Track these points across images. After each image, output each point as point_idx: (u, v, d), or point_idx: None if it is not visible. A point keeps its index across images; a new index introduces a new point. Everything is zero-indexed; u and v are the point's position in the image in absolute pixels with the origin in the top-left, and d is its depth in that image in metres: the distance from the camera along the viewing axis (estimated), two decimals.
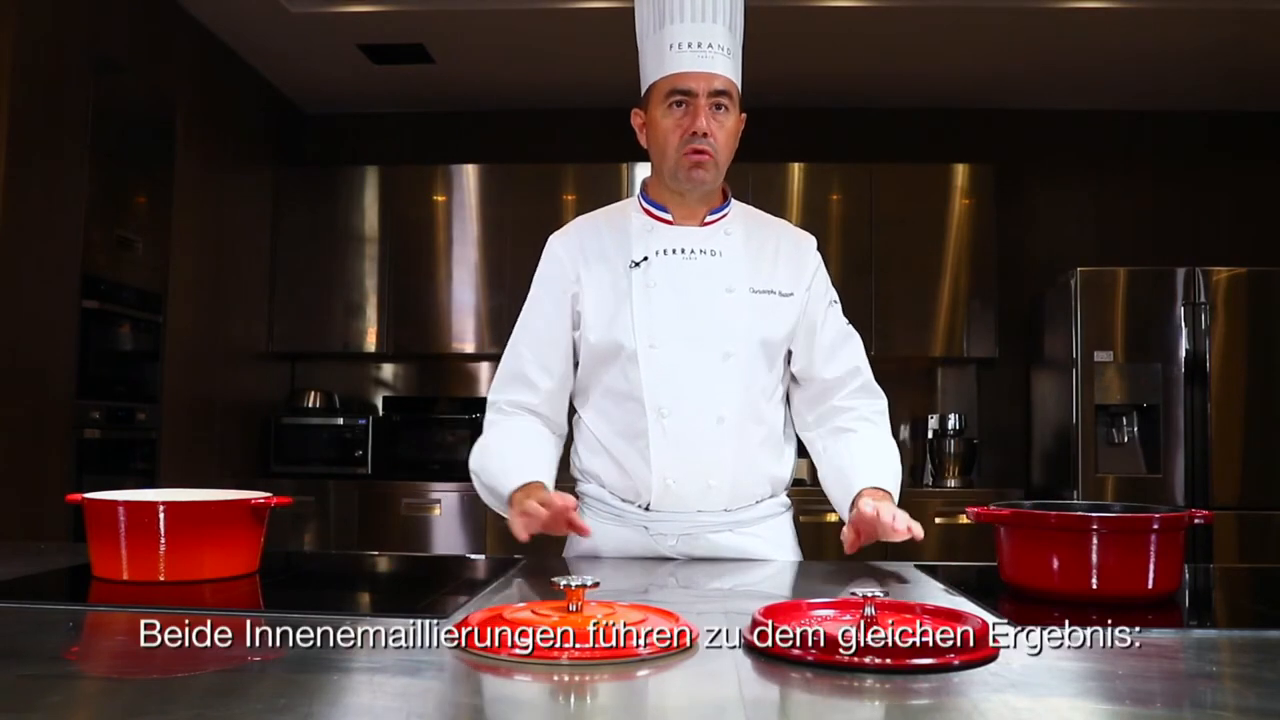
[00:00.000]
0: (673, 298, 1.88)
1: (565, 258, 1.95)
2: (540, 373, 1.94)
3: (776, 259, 1.94)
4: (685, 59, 1.83)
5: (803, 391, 1.98)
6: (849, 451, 1.91)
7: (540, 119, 5.57)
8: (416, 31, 4.61)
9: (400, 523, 4.90)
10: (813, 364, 1.95)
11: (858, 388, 1.97)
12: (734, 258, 1.91)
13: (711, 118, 1.83)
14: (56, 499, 2.09)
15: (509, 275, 5.13)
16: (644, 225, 1.93)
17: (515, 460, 1.85)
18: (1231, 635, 1.34)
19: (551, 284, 1.95)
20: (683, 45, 1.83)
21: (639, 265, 1.90)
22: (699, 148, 1.83)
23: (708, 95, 1.82)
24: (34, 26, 3.34)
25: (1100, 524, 1.44)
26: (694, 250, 1.90)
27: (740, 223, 1.95)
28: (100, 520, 1.57)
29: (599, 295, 1.91)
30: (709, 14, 1.84)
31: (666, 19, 1.85)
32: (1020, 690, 1.02)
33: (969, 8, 4.30)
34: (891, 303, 5.09)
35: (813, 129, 5.46)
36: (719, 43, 1.84)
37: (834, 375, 1.95)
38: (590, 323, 1.91)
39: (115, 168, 3.77)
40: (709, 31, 1.83)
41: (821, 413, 1.97)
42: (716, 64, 1.83)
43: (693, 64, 1.83)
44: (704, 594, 1.60)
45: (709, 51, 1.83)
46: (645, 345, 1.86)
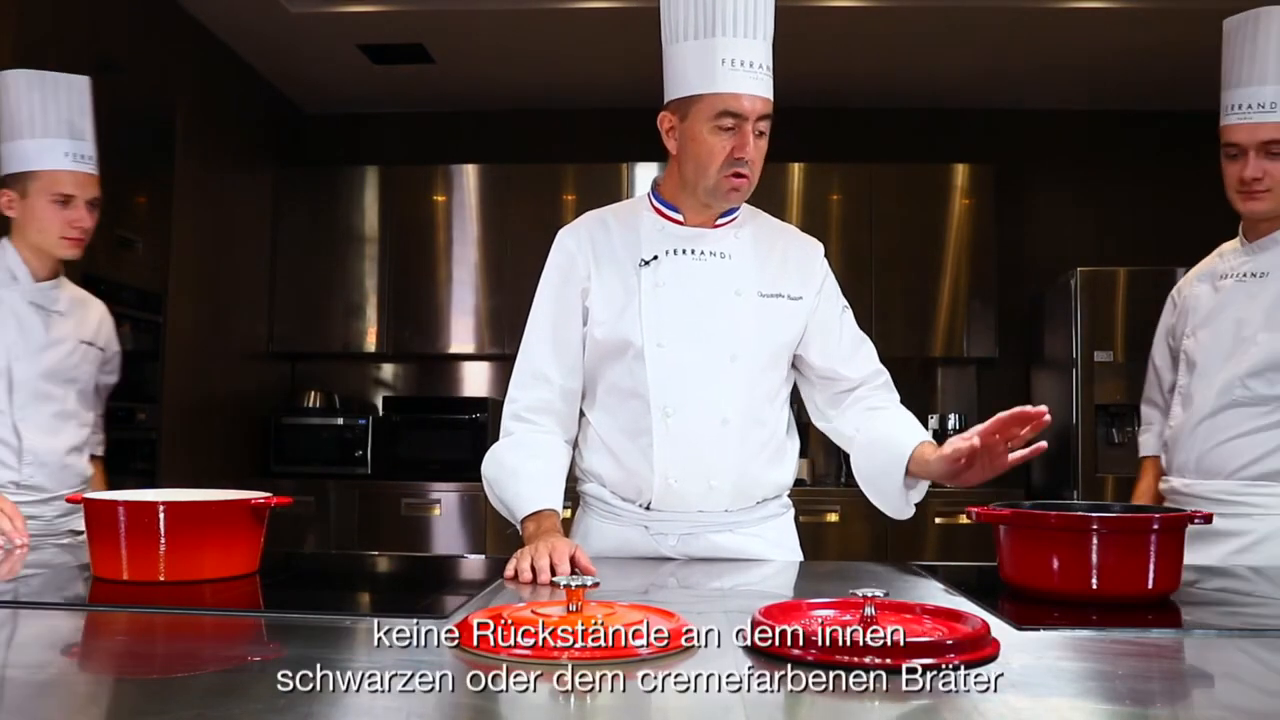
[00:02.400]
0: (681, 298, 1.88)
1: (576, 252, 1.93)
2: (557, 369, 1.93)
3: (785, 263, 1.94)
4: (741, 80, 1.78)
5: (825, 390, 1.97)
6: (891, 419, 1.91)
7: (540, 119, 5.57)
8: (416, 31, 4.61)
9: (400, 523, 4.90)
10: (835, 364, 1.95)
11: (881, 384, 1.97)
12: (743, 261, 1.91)
13: (754, 141, 1.81)
14: None
15: (509, 275, 5.13)
16: (655, 224, 1.92)
17: (529, 482, 1.86)
18: (1231, 635, 1.34)
19: (563, 279, 1.94)
20: (737, 63, 1.78)
21: (648, 264, 1.89)
22: (741, 172, 1.82)
23: (757, 119, 1.80)
24: (34, 26, 3.34)
25: (1100, 524, 1.44)
26: (704, 252, 1.90)
27: (749, 226, 1.95)
28: (100, 520, 1.57)
29: (608, 292, 1.90)
30: (759, 30, 1.81)
31: (717, 28, 1.79)
32: (1020, 690, 1.02)
33: (969, 8, 4.30)
34: (891, 303, 5.09)
35: (813, 129, 5.46)
36: (768, 63, 1.81)
37: (859, 374, 1.95)
38: (598, 319, 1.90)
39: (115, 168, 3.77)
40: (759, 51, 1.80)
41: (846, 405, 1.96)
42: (767, 86, 1.81)
43: (749, 86, 1.79)
44: (704, 594, 1.60)
45: (760, 73, 1.80)
46: (653, 343, 1.86)
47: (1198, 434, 2.13)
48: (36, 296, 2.29)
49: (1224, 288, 2.16)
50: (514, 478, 1.87)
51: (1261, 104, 2.02)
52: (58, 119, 2.26)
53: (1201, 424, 2.12)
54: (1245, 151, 2.04)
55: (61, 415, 2.31)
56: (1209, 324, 2.16)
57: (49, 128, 2.25)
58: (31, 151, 2.24)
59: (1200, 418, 2.12)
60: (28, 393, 2.25)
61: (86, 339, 2.38)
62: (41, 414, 2.27)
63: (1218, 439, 2.10)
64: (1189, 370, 2.19)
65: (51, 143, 2.24)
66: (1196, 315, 2.19)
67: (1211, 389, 2.11)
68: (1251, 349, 2.07)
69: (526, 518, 1.81)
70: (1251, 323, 2.09)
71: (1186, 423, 2.16)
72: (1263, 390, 2.07)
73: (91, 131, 2.32)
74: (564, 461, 1.94)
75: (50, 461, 2.27)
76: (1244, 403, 2.08)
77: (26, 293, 2.28)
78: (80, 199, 2.27)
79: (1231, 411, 2.08)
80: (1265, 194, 2.05)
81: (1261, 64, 2.03)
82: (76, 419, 2.34)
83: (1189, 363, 2.19)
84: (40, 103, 2.25)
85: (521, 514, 1.82)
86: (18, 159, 2.26)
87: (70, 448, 2.32)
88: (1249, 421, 2.08)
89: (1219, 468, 2.10)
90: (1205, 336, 2.16)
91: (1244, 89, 2.05)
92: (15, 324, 2.25)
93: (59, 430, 2.29)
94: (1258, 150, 2.03)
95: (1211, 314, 2.17)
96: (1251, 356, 2.07)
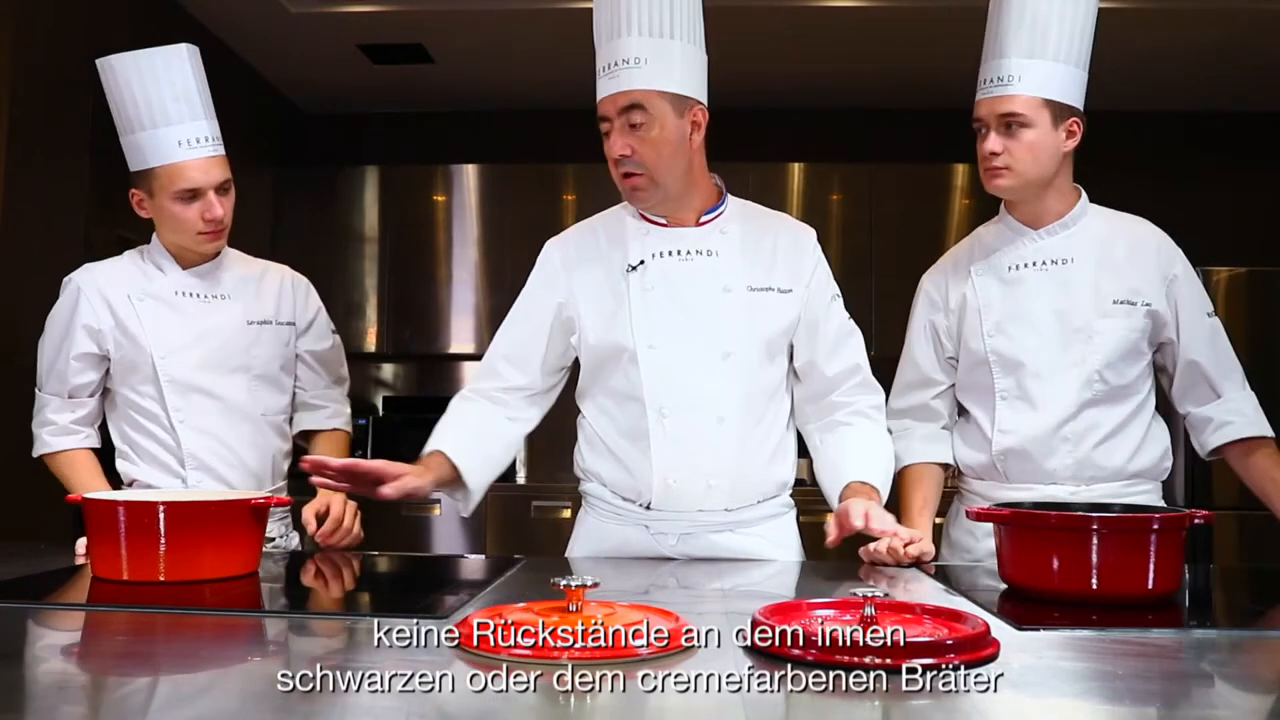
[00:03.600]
0: (670, 300, 1.88)
1: (559, 265, 1.97)
2: (508, 368, 1.99)
3: (775, 255, 1.94)
4: (601, 84, 1.84)
5: (804, 387, 1.98)
6: (842, 446, 1.92)
7: (540, 119, 5.56)
8: (416, 31, 4.61)
9: (400, 523, 4.90)
10: (815, 360, 1.95)
11: (857, 383, 1.96)
12: (730, 257, 1.91)
13: (629, 135, 1.80)
14: (56, 499, 2.08)
15: (509, 275, 5.12)
16: (639, 229, 1.93)
17: (438, 434, 1.92)
18: (1231, 635, 1.34)
19: (539, 291, 1.99)
20: (602, 69, 1.83)
21: (635, 269, 1.90)
22: (626, 171, 1.83)
23: (619, 114, 1.80)
24: (34, 26, 3.34)
25: (1100, 524, 1.44)
26: (689, 251, 1.90)
27: (737, 221, 1.95)
28: (100, 520, 1.57)
29: (596, 300, 1.92)
30: (623, 28, 1.81)
31: (596, 42, 1.86)
32: (1020, 690, 1.02)
33: (969, 8, 4.27)
34: (891, 303, 5.06)
35: (813, 129, 5.46)
36: (633, 55, 1.80)
37: (835, 371, 1.95)
38: (588, 326, 1.92)
39: (115, 168, 3.77)
40: (623, 47, 1.80)
41: (820, 407, 1.97)
42: (622, 81, 1.80)
43: (604, 87, 1.83)
44: (704, 594, 1.60)
45: (617, 70, 1.81)
46: (645, 346, 1.87)
47: (1063, 437, 1.95)
48: (186, 285, 2.12)
49: (1022, 279, 2.00)
50: (436, 432, 1.93)
51: (1001, 78, 1.95)
52: (161, 104, 2.04)
53: (1064, 426, 1.95)
54: (987, 126, 1.96)
55: (230, 409, 2.11)
56: (1018, 319, 1.98)
57: (155, 116, 2.04)
58: (146, 146, 2.05)
59: (1060, 420, 1.95)
60: (182, 390, 2.08)
61: (260, 318, 2.16)
62: (203, 411, 2.09)
63: (1091, 440, 1.95)
64: (1007, 371, 1.99)
65: (162, 133, 2.04)
66: (993, 311, 2.01)
67: (1064, 387, 1.95)
68: (1096, 339, 1.94)
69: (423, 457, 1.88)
70: (1077, 313, 1.96)
71: (1041, 427, 1.95)
72: (1115, 381, 1.96)
73: (206, 105, 2.10)
74: (494, 427, 1.97)
75: (216, 463, 2.10)
76: (1101, 398, 1.95)
77: (175, 282, 2.11)
78: (206, 187, 2.06)
79: (1093, 410, 1.95)
80: (1005, 171, 1.96)
81: (1003, 38, 1.97)
82: (253, 410, 2.14)
83: (1006, 363, 1.99)
84: (140, 88, 2.05)
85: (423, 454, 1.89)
86: (135, 155, 2.08)
87: (245, 443, 2.13)
88: (1110, 418, 1.96)
89: (1100, 471, 1.96)
90: (1021, 333, 1.98)
91: (988, 63, 1.99)
92: (162, 318, 2.09)
93: (226, 428, 2.11)
94: (997, 125, 1.94)
95: (1018, 308, 1.99)
96: (1100, 348, 1.94)
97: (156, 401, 2.09)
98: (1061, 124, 1.94)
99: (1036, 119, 1.92)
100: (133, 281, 2.12)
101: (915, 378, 2.13)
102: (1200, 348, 2.02)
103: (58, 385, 2.13)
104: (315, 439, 2.28)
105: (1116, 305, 1.97)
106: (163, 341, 2.08)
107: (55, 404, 2.13)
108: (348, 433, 2.30)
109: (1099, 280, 1.98)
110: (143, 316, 2.08)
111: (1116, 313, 1.97)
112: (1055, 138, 1.94)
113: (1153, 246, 2.04)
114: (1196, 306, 2.03)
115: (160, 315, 2.09)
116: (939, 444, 2.10)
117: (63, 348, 2.11)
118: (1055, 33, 1.93)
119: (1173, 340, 2.02)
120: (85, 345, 2.09)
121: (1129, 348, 1.97)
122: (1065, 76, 1.94)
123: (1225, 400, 2.04)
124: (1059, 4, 1.94)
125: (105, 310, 2.09)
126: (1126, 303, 1.97)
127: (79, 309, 2.10)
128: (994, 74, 1.96)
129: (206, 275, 2.16)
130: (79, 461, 2.14)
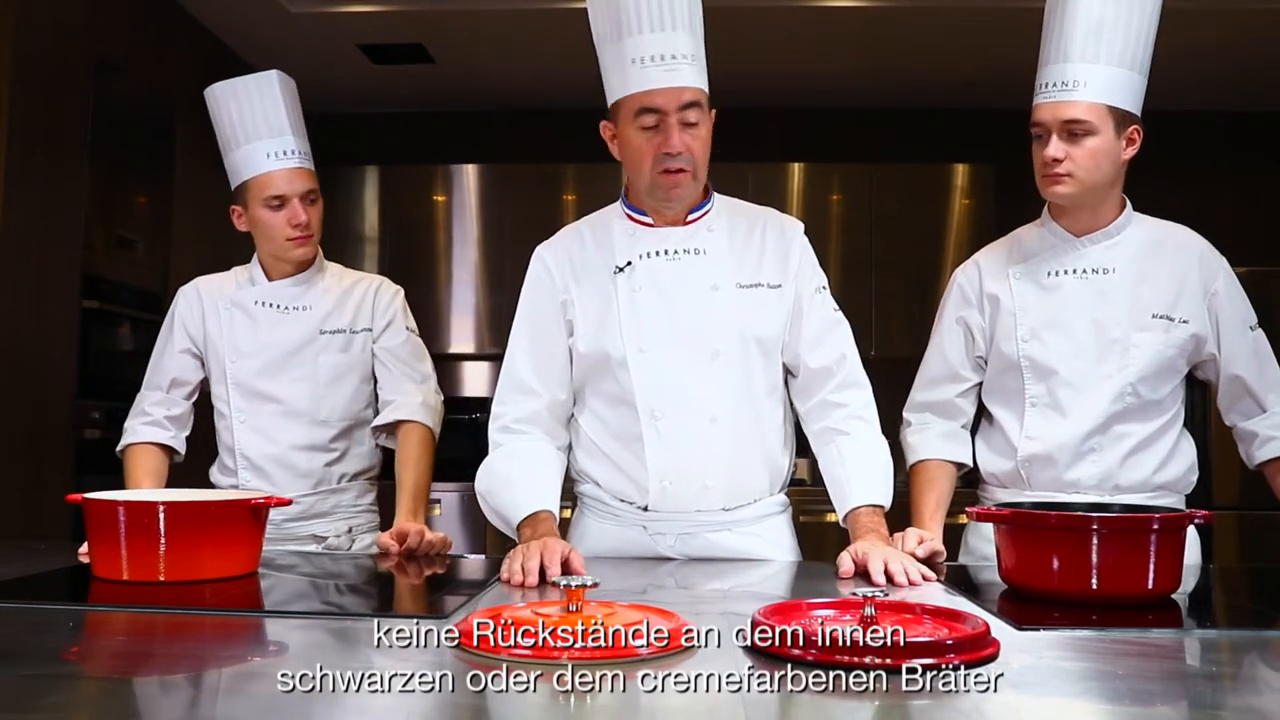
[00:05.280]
0: (658, 300, 1.88)
1: (554, 268, 1.95)
2: (540, 381, 1.94)
3: (763, 251, 1.93)
4: (652, 75, 1.79)
5: (793, 382, 1.97)
6: (843, 460, 1.90)
7: (540, 119, 5.56)
8: (416, 31, 4.61)
9: None
10: (799, 352, 1.93)
11: (845, 379, 1.94)
12: (718, 254, 1.90)
13: (684, 132, 1.80)
14: (56, 499, 2.08)
15: (509, 275, 5.12)
16: (626, 230, 1.92)
17: (522, 489, 1.86)
18: (1231, 635, 1.34)
19: (542, 294, 1.95)
20: (647, 60, 1.79)
21: (623, 270, 1.90)
22: (672, 167, 1.81)
23: (678, 110, 1.79)
24: (34, 26, 3.34)
25: (1100, 524, 1.44)
26: (677, 251, 1.90)
27: (723, 218, 1.94)
28: (100, 520, 1.57)
29: (587, 304, 1.91)
30: (668, 22, 1.79)
31: (625, 30, 1.80)
32: (1020, 690, 1.02)
33: (969, 8, 4.29)
34: (891, 303, 5.09)
35: (813, 129, 5.46)
36: (683, 52, 1.79)
37: (820, 364, 1.93)
38: (580, 331, 1.91)
39: (115, 168, 3.77)
40: (671, 42, 1.79)
41: (812, 407, 1.95)
42: (683, 76, 1.79)
43: (660, 80, 1.79)
44: (703, 594, 1.60)
45: (674, 64, 1.79)
46: (634, 350, 1.86)
47: (1090, 448, 1.94)
48: (270, 295, 2.26)
49: (1061, 285, 1.98)
50: (507, 485, 1.87)
51: (1065, 83, 1.89)
52: (253, 121, 2.23)
53: (1092, 437, 1.94)
54: (1049, 132, 1.91)
55: (287, 414, 2.23)
56: (1056, 326, 1.97)
57: (248, 133, 2.23)
58: (240, 161, 2.24)
59: (1088, 430, 1.93)
60: (244, 393, 2.23)
61: (335, 327, 2.26)
62: (260, 414, 2.22)
63: (1118, 453, 1.94)
64: (1040, 378, 1.98)
65: (253, 147, 2.22)
66: (1030, 315, 1.99)
67: (1096, 398, 1.94)
68: (1132, 351, 1.93)
69: (522, 523, 1.81)
70: (1116, 324, 1.94)
71: (1069, 436, 1.94)
72: (1147, 395, 1.94)
73: (295, 124, 2.29)
74: (557, 467, 1.93)
75: (266, 464, 2.21)
76: (1132, 411, 1.94)
77: (260, 293, 2.27)
78: (292, 196, 2.20)
79: (1122, 423, 1.94)
80: (1066, 178, 1.90)
81: (1067, 41, 1.91)
82: (310, 416, 2.23)
83: (1038, 369, 1.97)
84: (237, 110, 2.24)
85: (516, 520, 1.82)
86: (233, 171, 2.26)
87: (297, 446, 2.22)
88: (1139, 432, 1.94)
89: (1130, 482, 1.95)
90: (1056, 340, 1.96)
91: (1050, 66, 1.93)
92: (239, 325, 2.25)
93: (282, 429, 2.22)
94: (1060, 130, 1.89)
95: (1055, 315, 1.97)
96: (1135, 361, 1.93)
97: (225, 403, 2.25)
98: (1123, 132, 1.90)
99: (1101, 126, 1.88)
100: (226, 291, 2.29)
101: (942, 372, 2.12)
102: (1243, 362, 2.00)
103: (159, 378, 2.28)
104: (395, 433, 2.30)
105: (1155, 319, 1.95)
106: (234, 346, 2.24)
107: (154, 397, 2.28)
108: (419, 423, 2.28)
109: (1139, 292, 1.96)
110: (224, 323, 2.26)
111: (1155, 326, 1.95)
112: (1117, 145, 1.90)
113: (1195, 258, 2.01)
114: (1239, 320, 2.01)
115: (237, 322, 2.26)
116: (957, 443, 2.10)
117: (166, 346, 2.30)
118: (1121, 37, 1.89)
119: (1215, 355, 1.99)
120: (184, 343, 2.28)
121: (1165, 364, 1.96)
122: (1128, 83, 1.90)
123: (1270, 414, 2.01)
124: (1125, 7, 1.89)
125: (200, 315, 2.28)
126: (1165, 317, 1.96)
127: (181, 311, 2.30)
128: (1057, 78, 1.91)
129: (295, 287, 2.29)
130: (146, 455, 2.23)
